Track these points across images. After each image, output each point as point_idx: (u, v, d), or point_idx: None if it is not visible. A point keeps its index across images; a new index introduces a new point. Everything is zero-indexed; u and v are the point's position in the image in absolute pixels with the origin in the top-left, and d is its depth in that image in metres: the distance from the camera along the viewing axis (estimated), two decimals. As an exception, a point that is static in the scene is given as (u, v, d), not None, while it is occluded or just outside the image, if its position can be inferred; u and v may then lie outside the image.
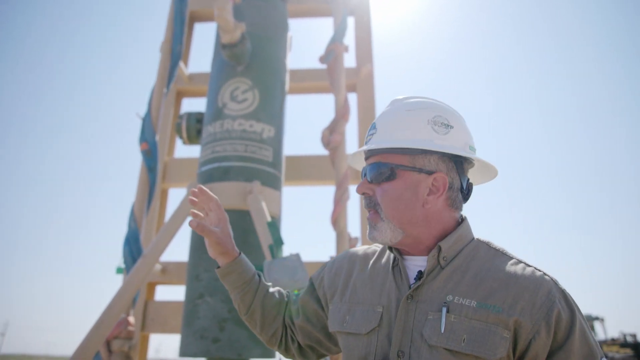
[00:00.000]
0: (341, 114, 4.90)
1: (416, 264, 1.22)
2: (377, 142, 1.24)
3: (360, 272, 1.33)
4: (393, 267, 1.26)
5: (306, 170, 5.59)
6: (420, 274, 1.18)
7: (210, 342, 3.51)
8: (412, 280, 1.20)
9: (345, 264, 1.40)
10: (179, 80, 6.27)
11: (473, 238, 1.26)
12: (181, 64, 5.76)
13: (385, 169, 1.22)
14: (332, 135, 4.82)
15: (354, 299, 1.29)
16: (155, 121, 4.82)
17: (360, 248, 1.46)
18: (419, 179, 1.21)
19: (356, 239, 4.80)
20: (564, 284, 1.15)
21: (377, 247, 1.41)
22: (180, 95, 6.55)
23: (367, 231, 1.26)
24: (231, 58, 4.34)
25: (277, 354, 3.89)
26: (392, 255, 1.29)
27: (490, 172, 1.34)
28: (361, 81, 5.97)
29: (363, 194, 1.27)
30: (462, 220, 1.27)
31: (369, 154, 1.27)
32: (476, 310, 1.07)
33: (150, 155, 4.67)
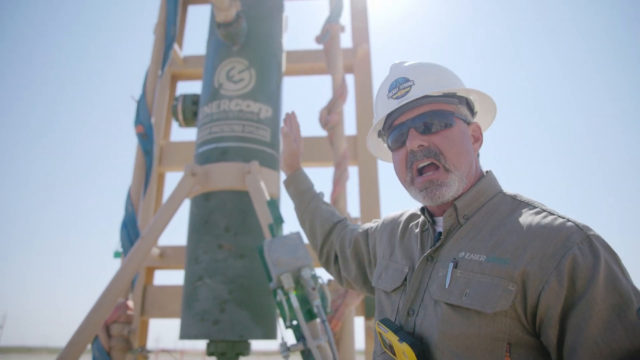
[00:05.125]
0: (339, 93, 4.84)
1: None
2: (428, 90, 1.16)
3: (400, 234, 1.35)
4: (423, 231, 1.26)
5: (304, 151, 5.52)
6: (439, 235, 1.17)
7: (211, 324, 3.48)
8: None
9: (392, 223, 1.44)
10: (174, 63, 6.18)
11: (499, 192, 1.19)
12: (175, 46, 5.66)
13: (445, 115, 1.17)
14: (330, 115, 4.77)
15: (392, 258, 1.31)
16: (150, 104, 4.74)
17: (400, 212, 1.48)
18: (465, 128, 1.21)
19: (356, 219, 4.77)
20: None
21: (413, 211, 1.41)
22: (175, 79, 6.47)
23: (422, 194, 1.16)
24: (226, 37, 4.26)
25: (280, 335, 3.87)
26: (422, 219, 1.28)
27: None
28: (358, 62, 5.89)
29: (419, 146, 1.15)
30: (485, 174, 1.23)
31: (410, 106, 1.18)
32: (483, 264, 1.02)
33: (146, 138, 4.60)
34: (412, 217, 1.39)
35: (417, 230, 1.29)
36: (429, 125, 1.15)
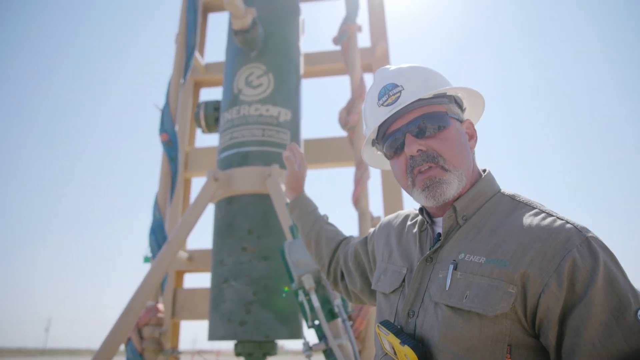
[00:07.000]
0: (357, 93, 4.87)
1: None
2: (419, 93, 1.15)
3: (397, 236, 1.35)
4: (421, 231, 1.25)
5: (325, 152, 5.57)
6: (439, 236, 1.17)
7: (237, 325, 3.57)
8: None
9: (389, 226, 1.44)
10: (196, 70, 6.31)
11: (497, 192, 1.18)
12: (197, 54, 5.79)
13: (439, 117, 1.16)
14: (349, 115, 4.80)
15: (390, 260, 1.31)
16: (173, 112, 4.88)
17: (395, 214, 1.48)
18: (459, 126, 1.21)
19: (378, 218, 4.79)
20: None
21: (410, 212, 1.41)
22: (197, 86, 6.61)
23: (424, 193, 1.14)
24: (244, 44, 4.35)
25: (304, 335, 3.93)
26: (420, 219, 1.27)
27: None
28: (377, 60, 5.89)
29: (418, 150, 1.13)
30: (483, 173, 1.22)
31: (403, 111, 1.16)
32: (483, 266, 1.01)
33: (170, 145, 4.74)
34: (409, 217, 1.39)
35: (415, 230, 1.28)
36: (424, 129, 1.14)
